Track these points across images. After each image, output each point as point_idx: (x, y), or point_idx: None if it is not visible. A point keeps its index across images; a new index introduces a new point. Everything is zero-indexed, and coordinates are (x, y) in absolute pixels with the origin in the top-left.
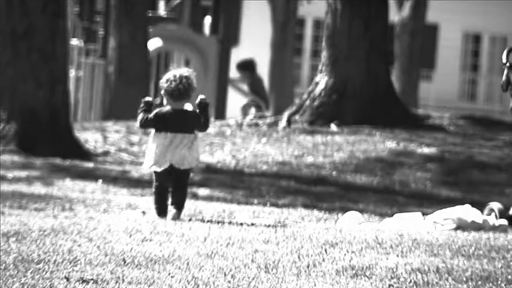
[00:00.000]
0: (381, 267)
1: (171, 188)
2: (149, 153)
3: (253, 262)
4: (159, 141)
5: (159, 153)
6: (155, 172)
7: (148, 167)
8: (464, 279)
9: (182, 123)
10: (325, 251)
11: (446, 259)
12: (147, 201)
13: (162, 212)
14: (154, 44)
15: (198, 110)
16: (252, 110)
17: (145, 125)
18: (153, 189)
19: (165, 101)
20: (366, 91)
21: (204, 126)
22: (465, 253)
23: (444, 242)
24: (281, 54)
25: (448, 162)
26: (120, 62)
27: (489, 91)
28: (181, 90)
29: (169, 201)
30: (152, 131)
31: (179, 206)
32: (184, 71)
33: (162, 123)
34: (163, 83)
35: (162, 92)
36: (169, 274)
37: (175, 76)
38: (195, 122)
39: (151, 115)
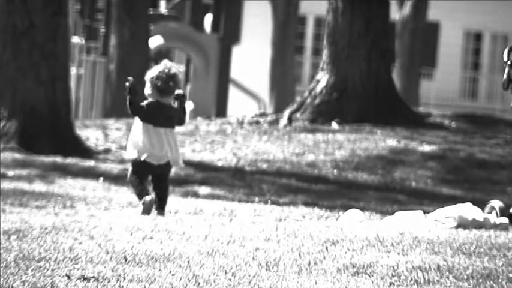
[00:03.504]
0: (382, 265)
1: (155, 186)
2: (139, 144)
3: (254, 260)
4: (153, 135)
5: (158, 149)
6: (136, 162)
7: (142, 158)
8: (465, 277)
9: (171, 117)
10: (326, 249)
11: (447, 257)
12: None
13: (144, 193)
14: (155, 41)
15: (176, 103)
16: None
17: (138, 112)
18: (131, 177)
19: (147, 91)
20: (366, 89)
21: (183, 120)
22: (466, 251)
23: (445, 240)
24: (282, 52)
25: (449, 160)
26: (121, 59)
27: (490, 89)
28: (172, 87)
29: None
30: (137, 120)
31: (163, 205)
32: (173, 67)
33: (152, 116)
34: (153, 78)
35: (150, 85)
36: (170, 272)
37: (166, 74)
38: (179, 116)
39: (144, 104)
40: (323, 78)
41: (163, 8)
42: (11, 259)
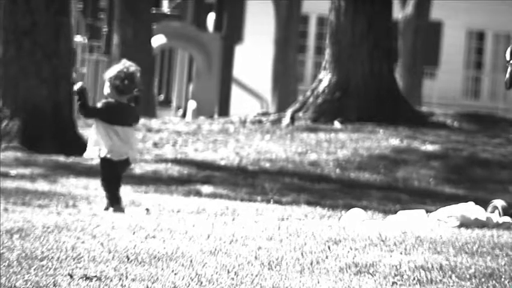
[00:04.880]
0: (385, 265)
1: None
2: (98, 142)
3: (256, 259)
4: (112, 134)
5: (118, 146)
6: (109, 161)
7: (103, 155)
8: (468, 276)
9: (128, 116)
10: (329, 248)
11: (450, 256)
12: (151, 198)
13: (117, 200)
14: (158, 41)
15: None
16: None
17: (92, 114)
18: (106, 178)
19: (105, 91)
20: (369, 88)
21: (138, 118)
22: (469, 250)
23: (448, 240)
24: (285, 52)
25: (451, 159)
26: (123, 58)
27: (493, 89)
28: (131, 88)
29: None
30: (97, 120)
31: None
32: (131, 66)
33: (111, 116)
34: (111, 78)
35: (109, 85)
36: (172, 271)
37: (125, 73)
38: (135, 115)
39: (100, 106)
40: (325, 77)
41: (165, 7)
42: (14, 258)
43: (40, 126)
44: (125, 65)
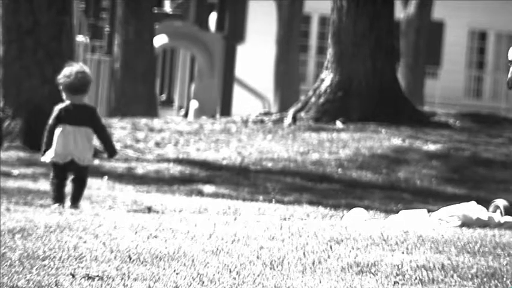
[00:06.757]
0: (386, 264)
1: (72, 181)
2: (53, 145)
3: (258, 259)
4: (62, 135)
5: (62, 147)
6: (54, 164)
7: (49, 159)
8: (470, 276)
9: (82, 116)
10: (331, 247)
11: (452, 256)
12: (153, 197)
13: (60, 199)
14: (160, 40)
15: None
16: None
17: (53, 128)
18: (51, 180)
19: (64, 96)
20: (371, 88)
21: (96, 120)
22: (470, 250)
23: (449, 239)
24: (287, 51)
25: (453, 159)
26: (125, 58)
27: (495, 88)
28: (78, 85)
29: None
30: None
31: (76, 201)
32: (80, 66)
33: (64, 117)
34: (61, 78)
35: (61, 88)
36: (174, 271)
37: (71, 72)
38: (93, 116)
39: (53, 116)
40: (328, 77)
41: (168, 7)
42: (16, 258)
43: (42, 125)
44: (71, 65)
